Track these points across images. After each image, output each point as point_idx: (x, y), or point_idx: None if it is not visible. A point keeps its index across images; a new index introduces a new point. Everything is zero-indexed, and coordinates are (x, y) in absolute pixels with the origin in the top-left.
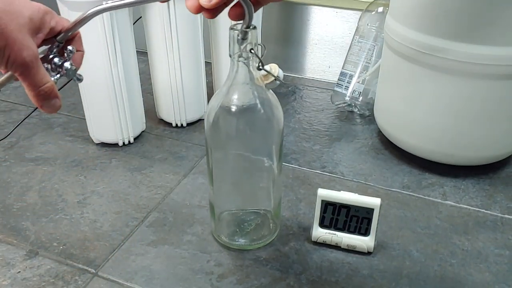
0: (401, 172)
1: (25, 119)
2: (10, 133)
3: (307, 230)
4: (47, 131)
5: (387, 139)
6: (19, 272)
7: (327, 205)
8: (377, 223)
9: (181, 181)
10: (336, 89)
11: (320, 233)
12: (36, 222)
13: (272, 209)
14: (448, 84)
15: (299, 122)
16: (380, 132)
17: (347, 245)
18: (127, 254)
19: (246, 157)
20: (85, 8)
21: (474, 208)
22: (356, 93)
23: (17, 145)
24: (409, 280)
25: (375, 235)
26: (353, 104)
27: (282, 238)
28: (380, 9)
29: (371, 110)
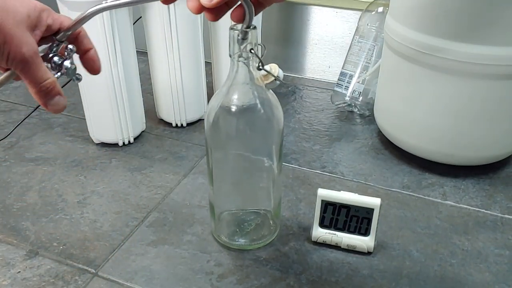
0: (401, 172)
1: (25, 119)
2: (10, 133)
3: (307, 230)
4: (47, 131)
5: (387, 139)
6: (19, 272)
7: (327, 205)
8: (377, 223)
9: (181, 181)
10: (336, 89)
11: (320, 233)
12: (36, 222)
13: (272, 209)
14: (448, 84)
15: (299, 122)
16: (380, 132)
17: (347, 245)
18: (127, 254)
19: (246, 157)
20: (85, 8)
21: (474, 208)
22: (356, 93)
23: (17, 145)
24: (409, 280)
25: (375, 235)
26: (353, 104)
27: (282, 238)
28: (380, 9)
29: (371, 110)
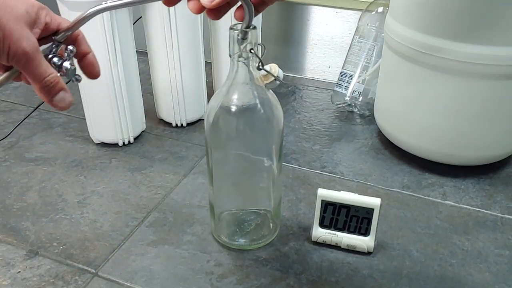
0: (401, 172)
1: (25, 119)
2: (10, 133)
3: (307, 230)
4: (47, 131)
5: (387, 139)
6: (19, 272)
7: (327, 205)
8: (377, 223)
9: (181, 181)
10: (336, 89)
11: (320, 233)
12: (36, 222)
13: (272, 209)
14: (448, 84)
15: (299, 122)
16: (380, 132)
17: (347, 245)
18: (127, 254)
19: (246, 157)
20: (85, 8)
21: (474, 208)
22: (356, 93)
23: (17, 145)
24: (409, 280)
25: (375, 235)
26: (353, 104)
27: (282, 238)
28: (380, 9)
29: (371, 110)
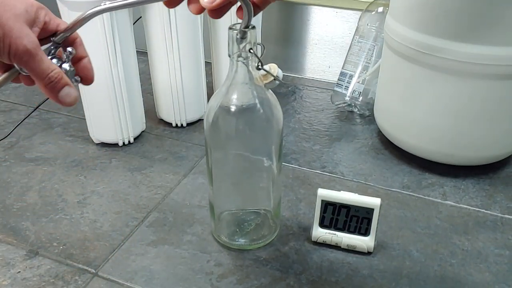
0: (401, 172)
1: (25, 119)
2: (10, 133)
3: (307, 230)
4: (47, 131)
5: (387, 139)
6: (19, 272)
7: (327, 205)
8: (377, 223)
9: (181, 181)
10: (336, 89)
11: (320, 233)
12: (36, 222)
13: (272, 209)
14: (448, 84)
15: (299, 122)
16: (380, 132)
17: (347, 245)
18: (127, 254)
19: (245, 157)
20: (85, 8)
21: (474, 208)
22: (356, 93)
23: (17, 145)
24: (409, 280)
25: (375, 235)
26: (353, 104)
27: (282, 238)
28: (380, 9)
29: (371, 110)
